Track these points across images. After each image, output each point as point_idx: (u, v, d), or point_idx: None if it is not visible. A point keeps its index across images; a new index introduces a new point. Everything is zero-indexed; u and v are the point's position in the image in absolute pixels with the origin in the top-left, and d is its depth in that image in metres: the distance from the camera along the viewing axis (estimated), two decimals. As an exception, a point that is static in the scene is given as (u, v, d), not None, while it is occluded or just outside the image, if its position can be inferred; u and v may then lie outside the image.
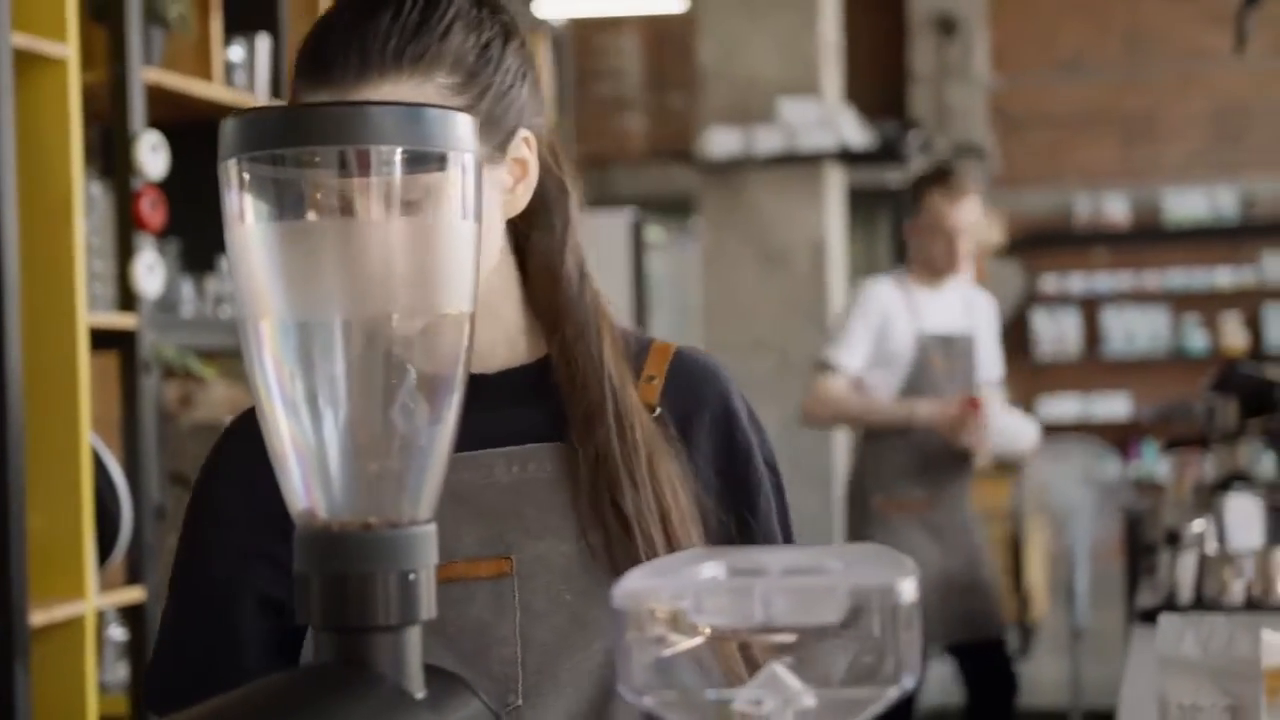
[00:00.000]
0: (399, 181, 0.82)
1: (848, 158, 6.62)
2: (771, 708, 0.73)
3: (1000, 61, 10.21)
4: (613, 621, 1.26)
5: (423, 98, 1.22)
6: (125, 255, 3.12)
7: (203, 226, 3.32)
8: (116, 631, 3.20)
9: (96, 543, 2.94)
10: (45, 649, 2.84)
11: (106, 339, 3.08)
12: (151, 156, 3.13)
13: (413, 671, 0.81)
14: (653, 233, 8.05)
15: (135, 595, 3.11)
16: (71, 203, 2.88)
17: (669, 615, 0.74)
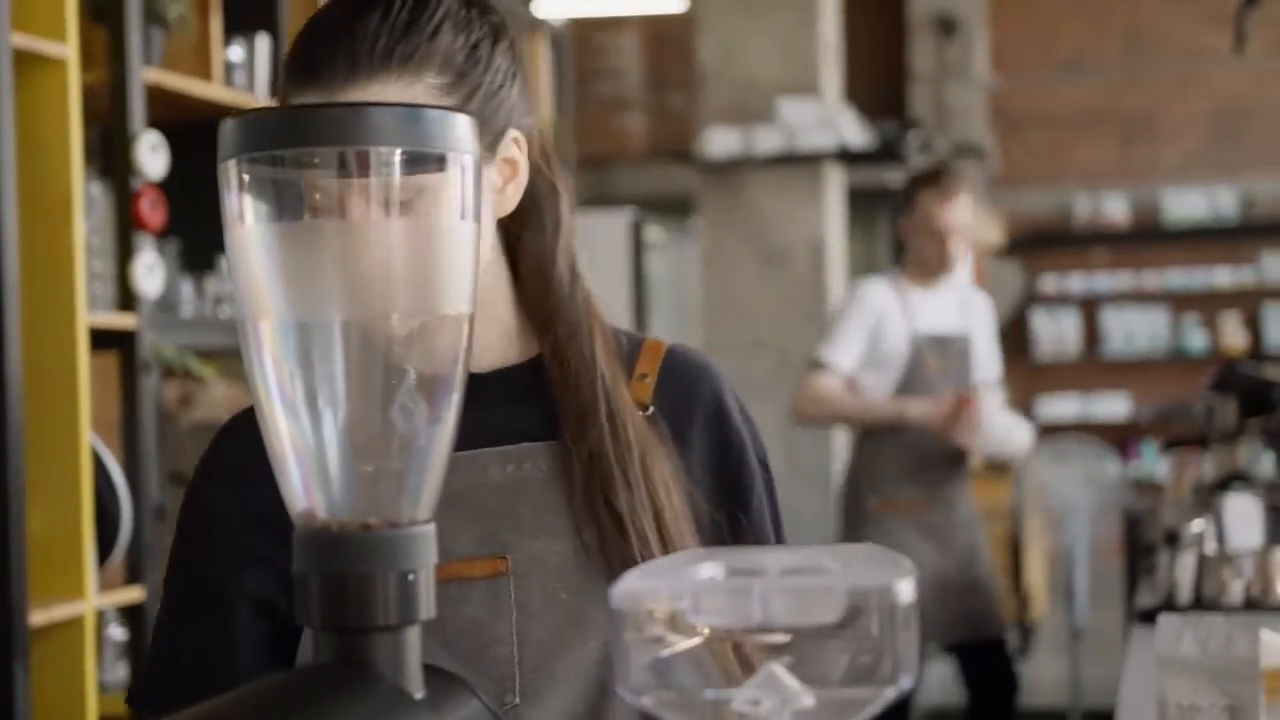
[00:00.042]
0: (398, 182, 0.82)
1: (847, 158, 6.62)
2: (769, 708, 0.73)
3: (1000, 61, 10.22)
4: (608, 619, 1.27)
5: (411, 98, 1.22)
6: (125, 255, 3.12)
7: (202, 226, 3.33)
8: (116, 631, 3.20)
9: (96, 542, 2.94)
10: (45, 649, 2.84)
11: (106, 339, 3.08)
12: (151, 156, 3.13)
13: (412, 671, 0.81)
14: (652, 232, 8.05)
15: (135, 595, 3.11)
16: (71, 203, 2.88)
17: (667, 615, 0.74)
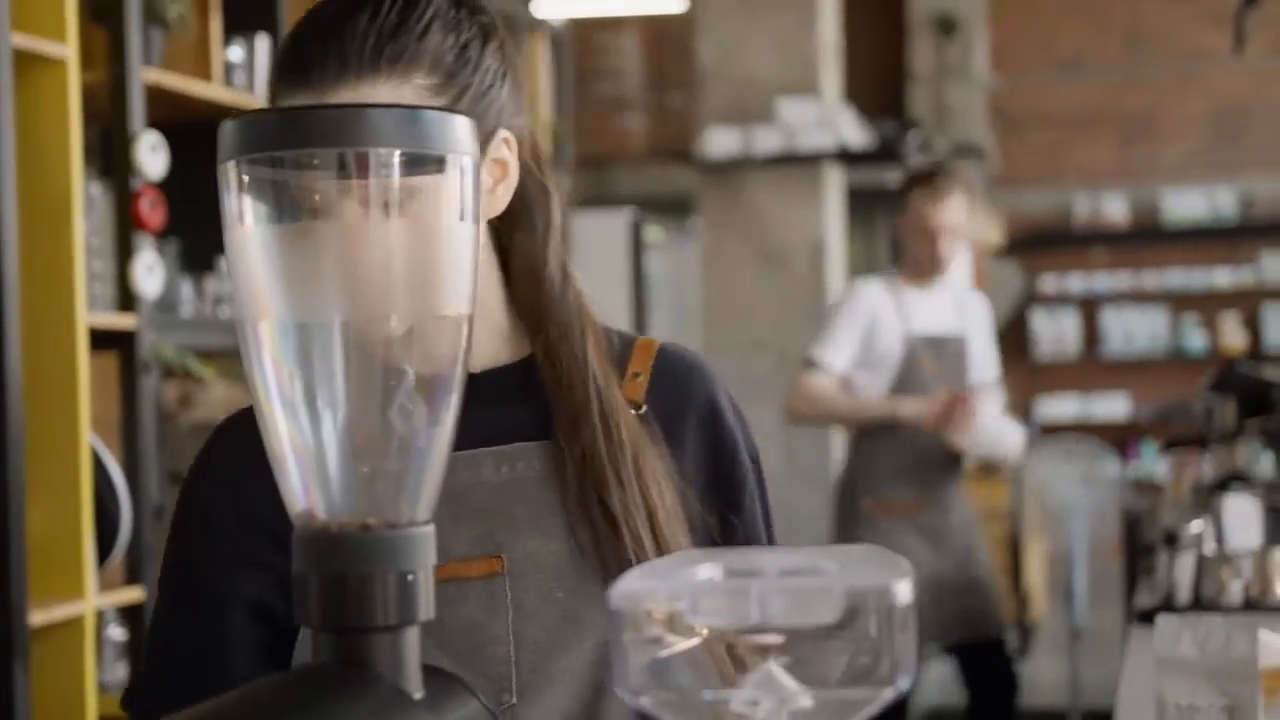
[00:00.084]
0: (397, 184, 0.82)
1: (847, 158, 6.62)
2: (768, 708, 0.73)
3: (999, 61, 10.22)
4: (604, 618, 1.28)
5: (400, 98, 1.22)
6: (125, 255, 3.12)
7: (202, 227, 3.33)
8: (116, 631, 3.20)
9: (96, 542, 2.94)
10: (45, 649, 2.84)
11: (106, 339, 3.08)
12: (151, 157, 3.13)
13: (411, 672, 0.81)
14: (652, 232, 8.05)
15: (134, 595, 3.11)
16: (71, 203, 2.88)
17: (666, 616, 0.74)
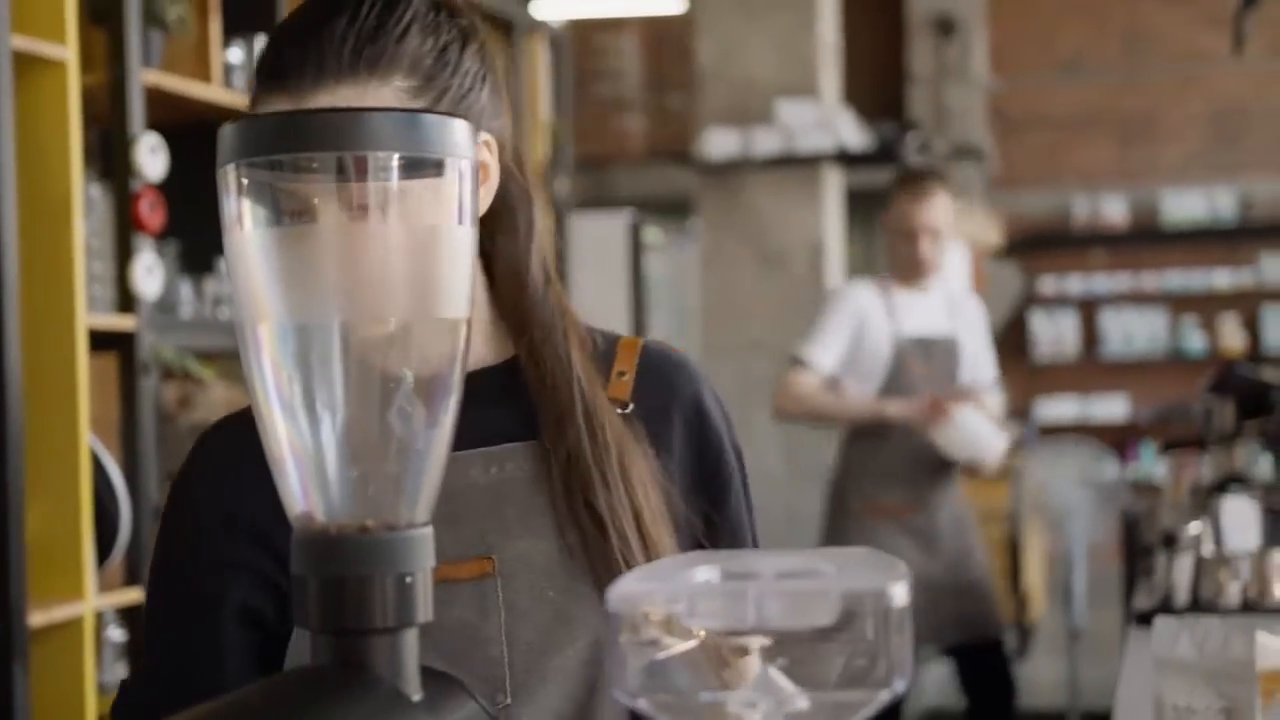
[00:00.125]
0: (396, 187, 0.82)
1: (846, 159, 6.62)
2: (765, 710, 0.73)
3: (999, 62, 10.22)
4: (596, 618, 1.28)
5: (379, 101, 1.22)
6: (124, 257, 3.12)
7: (201, 228, 3.33)
8: (115, 632, 3.20)
9: (95, 543, 2.94)
10: (44, 650, 2.85)
11: (105, 340, 3.08)
12: (150, 158, 3.13)
13: (409, 673, 0.81)
14: (651, 234, 8.05)
15: (134, 596, 3.11)
16: (71, 204, 2.88)
17: (663, 619, 0.75)
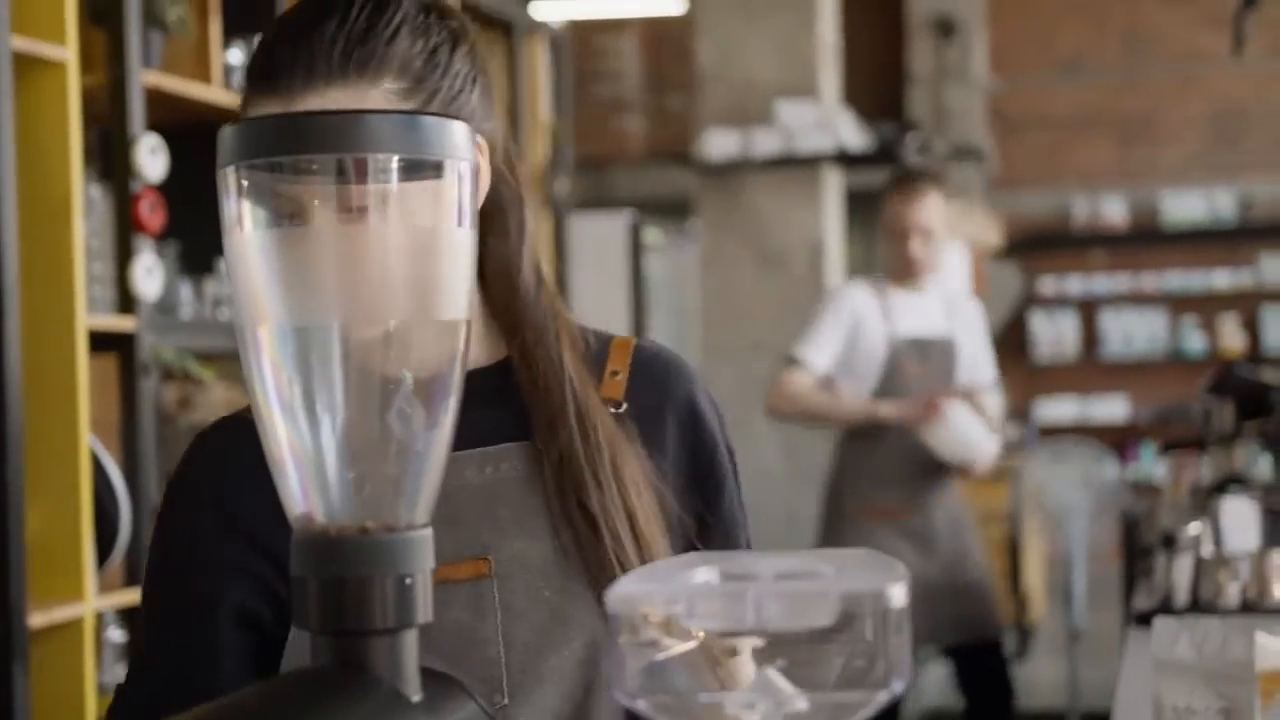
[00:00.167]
0: (396, 189, 0.82)
1: (846, 160, 6.62)
2: (763, 711, 0.73)
3: (999, 63, 10.22)
4: (592, 618, 1.28)
5: (369, 103, 1.22)
6: (124, 258, 3.12)
7: (201, 229, 3.32)
8: (115, 633, 3.20)
9: (95, 544, 2.94)
10: (44, 651, 2.85)
11: (105, 341, 3.08)
12: (150, 159, 3.13)
13: (409, 674, 0.81)
14: (651, 234, 8.05)
15: (134, 597, 3.11)
16: (71, 205, 2.88)
17: (662, 620, 0.75)
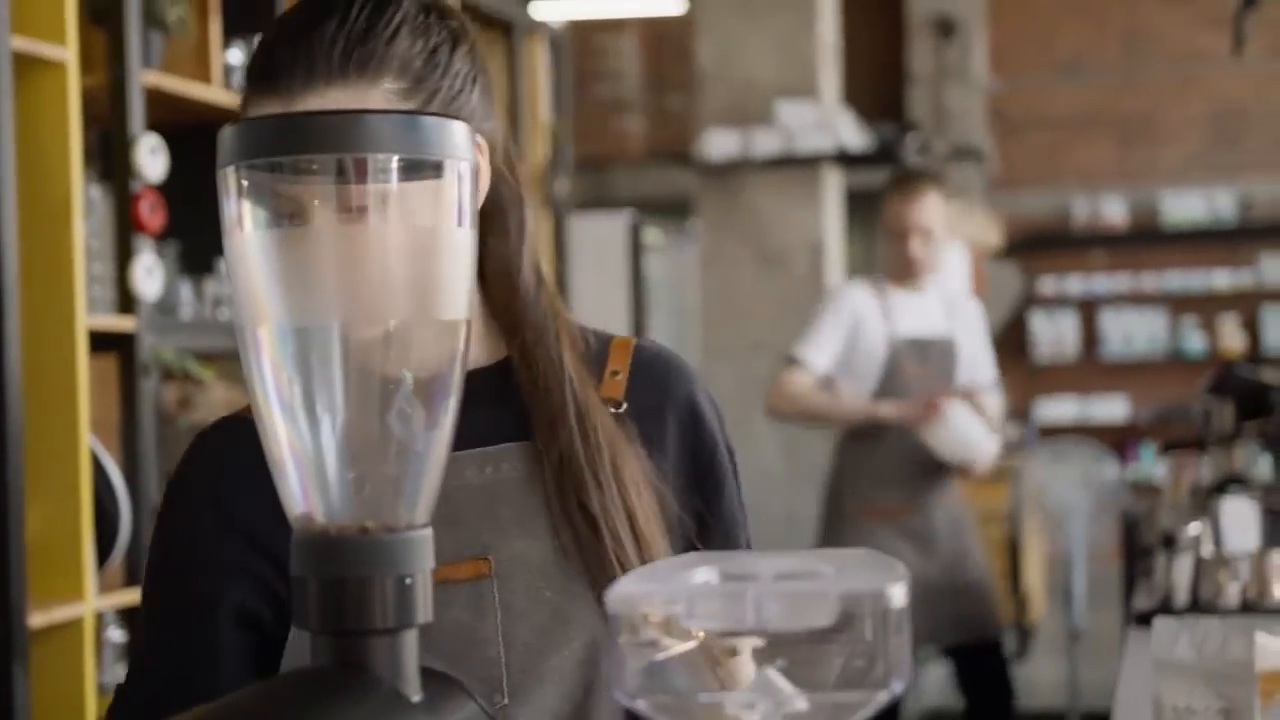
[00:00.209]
0: (396, 189, 0.82)
1: (846, 160, 6.62)
2: (763, 711, 0.74)
3: (998, 63, 10.22)
4: (592, 618, 1.28)
5: (369, 103, 1.22)
6: (124, 258, 3.12)
7: (201, 229, 3.32)
8: (115, 633, 3.20)
9: (95, 544, 2.94)
10: (44, 651, 2.85)
11: (105, 341, 3.08)
12: (150, 159, 3.13)
13: (409, 674, 0.81)
14: (651, 234, 8.05)
15: (134, 597, 3.11)
16: (71, 205, 2.88)
17: (662, 620, 0.75)
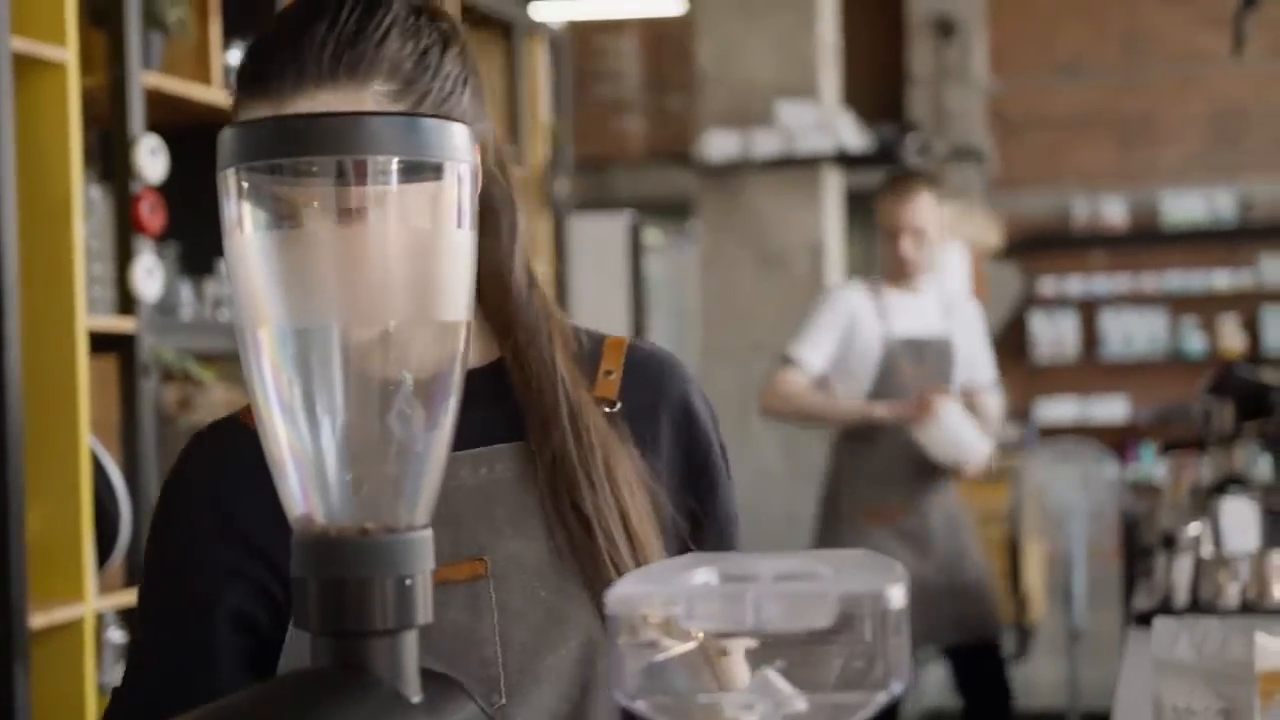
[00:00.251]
0: (395, 191, 0.83)
1: (845, 160, 6.63)
2: (762, 712, 0.74)
3: (998, 64, 10.22)
4: (588, 618, 1.29)
5: (359, 105, 1.21)
6: (124, 258, 3.12)
7: (201, 230, 3.32)
8: (115, 634, 3.20)
9: (96, 545, 2.94)
10: (45, 651, 2.85)
11: (105, 342, 3.08)
12: (150, 160, 3.13)
13: (409, 675, 0.81)
14: (651, 235, 8.05)
15: (134, 598, 3.11)
16: (71, 206, 2.88)
17: (661, 621, 0.75)
